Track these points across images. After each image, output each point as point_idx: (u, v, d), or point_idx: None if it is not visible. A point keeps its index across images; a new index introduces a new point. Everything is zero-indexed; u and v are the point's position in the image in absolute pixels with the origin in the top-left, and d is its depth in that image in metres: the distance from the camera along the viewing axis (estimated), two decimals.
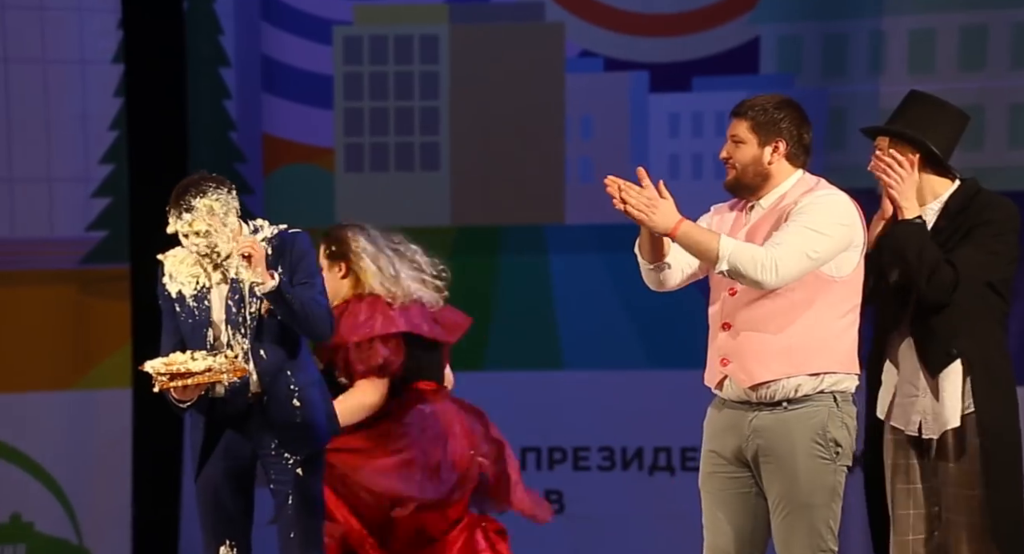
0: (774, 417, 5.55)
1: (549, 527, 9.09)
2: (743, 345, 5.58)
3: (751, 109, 5.64)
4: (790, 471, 5.53)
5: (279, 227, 6.32)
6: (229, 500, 6.31)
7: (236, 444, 6.29)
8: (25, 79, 8.77)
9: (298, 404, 6.20)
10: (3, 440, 8.71)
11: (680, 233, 5.45)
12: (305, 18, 9.33)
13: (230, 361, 6.13)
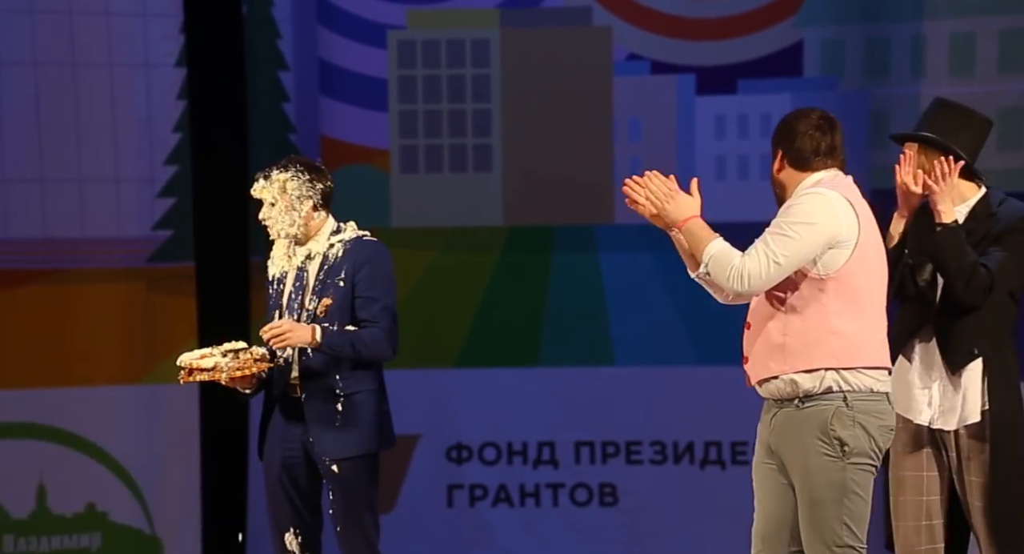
0: (787, 415, 5.63)
1: (603, 519, 9.25)
2: (752, 344, 5.68)
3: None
4: (800, 468, 5.61)
5: (360, 233, 6.35)
6: (290, 489, 6.33)
7: (287, 434, 6.32)
8: (92, 82, 8.91)
9: (340, 409, 6.24)
10: (77, 432, 8.88)
11: (685, 228, 5.54)
12: (360, 23, 9.39)
13: (249, 359, 6.18)
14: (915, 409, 6.05)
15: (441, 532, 9.40)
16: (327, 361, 6.25)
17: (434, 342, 9.23)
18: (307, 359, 6.26)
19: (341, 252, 6.25)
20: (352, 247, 6.25)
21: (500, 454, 9.44)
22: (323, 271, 6.25)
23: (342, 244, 6.27)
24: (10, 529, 8.87)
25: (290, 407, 6.33)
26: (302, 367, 6.25)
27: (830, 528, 5.52)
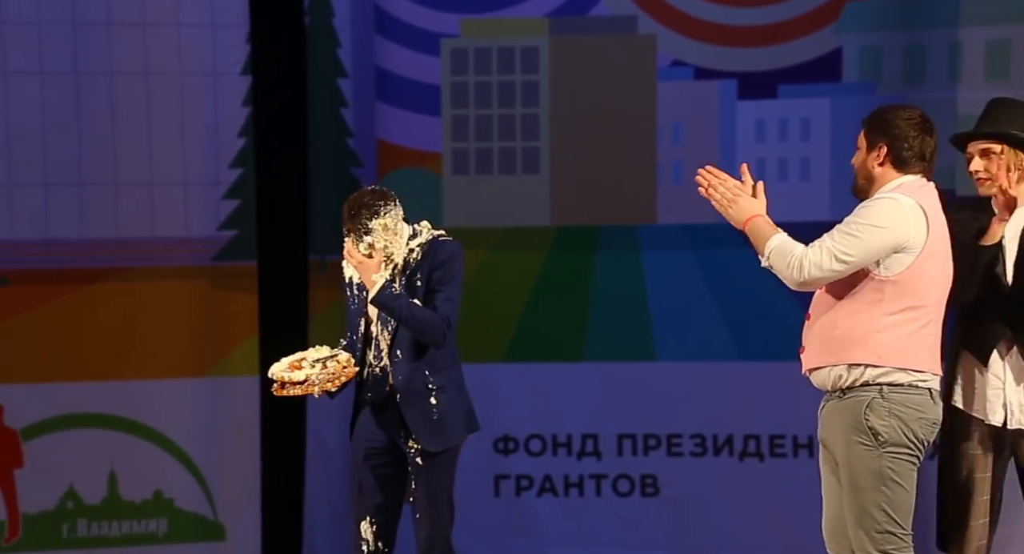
0: (832, 406, 5.73)
1: (644, 509, 9.32)
2: (809, 334, 5.77)
3: (871, 116, 5.81)
4: (842, 457, 5.71)
5: (435, 233, 6.54)
6: (370, 479, 6.49)
7: (374, 429, 6.48)
8: (164, 91, 9.04)
9: (434, 402, 6.42)
10: (146, 423, 9.05)
11: (748, 227, 5.67)
12: (415, 32, 9.46)
13: (338, 368, 6.32)
14: (990, 410, 6.07)
15: (488, 520, 9.42)
16: (414, 364, 6.40)
17: (483, 338, 9.24)
18: (398, 362, 6.41)
19: (419, 255, 6.42)
20: (429, 249, 6.43)
21: (545, 446, 9.46)
22: (405, 273, 6.43)
23: (420, 247, 6.43)
24: (84, 514, 9.00)
25: (383, 407, 6.47)
26: (395, 373, 6.42)
27: (869, 514, 5.60)
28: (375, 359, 6.48)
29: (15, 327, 8.91)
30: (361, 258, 6.32)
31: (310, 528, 9.28)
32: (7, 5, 8.86)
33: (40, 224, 8.94)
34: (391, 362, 6.43)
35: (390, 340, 6.42)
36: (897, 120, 5.76)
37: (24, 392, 8.93)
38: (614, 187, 9.42)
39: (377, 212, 6.33)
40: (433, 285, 6.44)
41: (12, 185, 8.97)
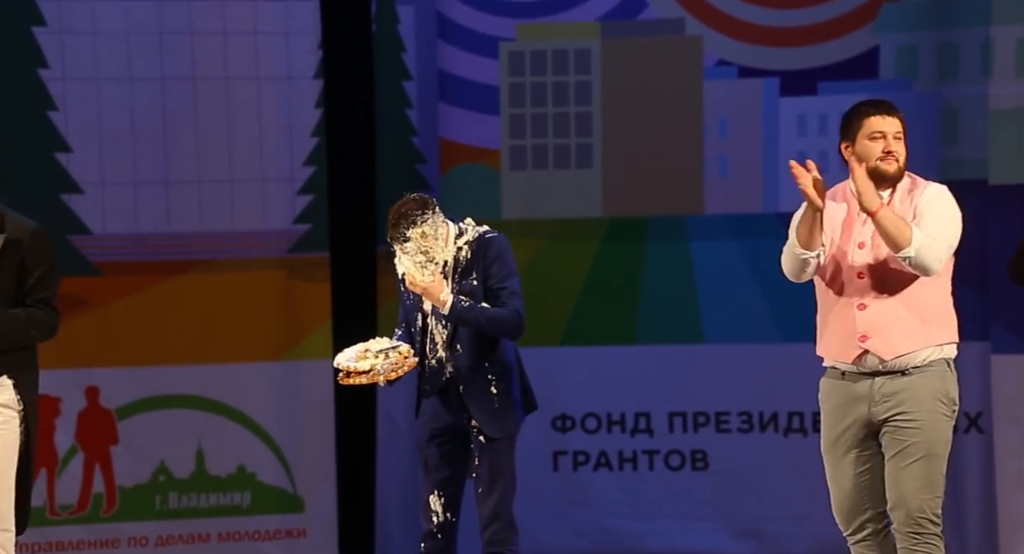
0: (903, 382, 5.84)
1: (695, 482, 9.49)
2: (883, 322, 5.82)
3: (897, 108, 5.93)
4: (923, 425, 5.81)
5: (480, 230, 6.61)
6: (435, 456, 6.61)
7: (439, 412, 6.62)
8: (242, 94, 9.20)
9: (495, 392, 6.56)
10: (229, 404, 9.22)
11: (883, 214, 5.72)
12: (475, 36, 9.55)
13: (400, 358, 6.41)
14: None
15: (548, 493, 9.49)
16: (474, 356, 6.53)
17: (541, 323, 9.16)
18: (459, 355, 6.55)
19: (468, 253, 6.53)
20: (478, 246, 6.54)
21: (600, 424, 9.54)
22: (457, 273, 6.54)
23: (468, 245, 6.54)
24: (174, 488, 9.19)
25: (445, 394, 6.60)
26: (456, 364, 6.55)
27: (935, 481, 5.84)
28: (430, 352, 6.60)
29: (109, 315, 9.09)
30: (425, 285, 6.41)
31: (382, 501, 9.44)
32: (100, 18, 8.96)
33: (130, 219, 9.12)
34: (452, 354, 6.53)
35: (447, 334, 6.53)
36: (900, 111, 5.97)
37: (118, 375, 9.09)
38: (663, 180, 9.50)
39: (414, 222, 6.44)
40: (493, 283, 6.53)
41: (105, 184, 9.09)
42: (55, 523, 9.05)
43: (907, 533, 5.86)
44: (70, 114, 9.05)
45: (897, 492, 5.85)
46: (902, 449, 5.83)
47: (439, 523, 6.62)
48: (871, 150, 5.86)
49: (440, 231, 6.50)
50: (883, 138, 5.83)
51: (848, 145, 5.98)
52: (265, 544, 9.27)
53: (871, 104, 5.95)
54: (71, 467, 9.10)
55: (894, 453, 5.86)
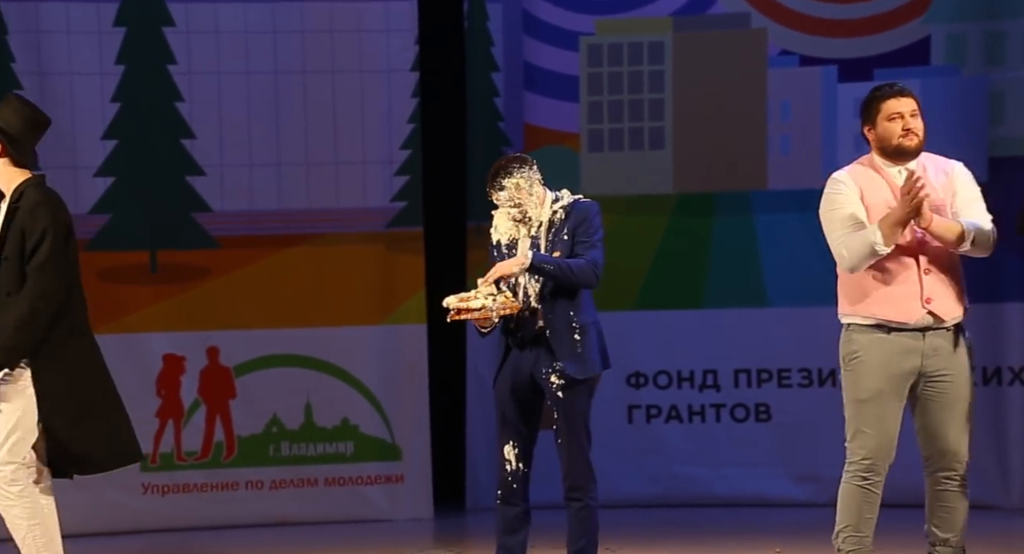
0: (946, 339, 6.05)
1: (758, 432, 9.67)
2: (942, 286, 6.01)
3: (909, 90, 6.06)
4: (961, 380, 6.05)
5: (575, 197, 6.71)
6: (513, 410, 6.64)
7: (521, 365, 6.64)
8: (347, 86, 9.52)
9: (578, 338, 6.57)
10: (334, 363, 9.56)
11: (933, 226, 5.94)
12: (558, 31, 9.90)
13: (506, 300, 6.46)
14: None
15: (623, 444, 9.77)
16: (563, 310, 6.55)
17: (616, 289, 9.39)
18: (549, 305, 6.57)
19: (563, 215, 6.62)
20: (572, 209, 6.63)
21: (671, 380, 9.85)
22: (552, 231, 6.62)
23: (563, 208, 6.63)
24: (286, 438, 9.54)
25: (533, 343, 6.60)
26: (546, 313, 6.57)
27: (970, 425, 6.07)
28: (523, 303, 6.60)
29: (227, 284, 9.44)
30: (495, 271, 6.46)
31: (471, 449, 9.83)
32: (222, 18, 9.34)
33: (246, 198, 9.44)
34: (543, 307, 6.56)
35: (539, 287, 6.57)
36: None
37: (235, 337, 9.44)
38: (729, 158, 9.76)
39: (511, 173, 6.55)
40: (578, 237, 6.59)
41: (224, 166, 9.44)
42: (182, 468, 9.45)
43: (951, 477, 6.07)
44: (194, 105, 9.41)
45: (946, 442, 6.03)
46: (947, 403, 6.02)
47: (512, 472, 6.65)
48: (892, 130, 6.00)
49: (535, 189, 6.58)
50: (901, 118, 5.99)
51: (870, 128, 6.09)
52: (367, 488, 9.60)
53: (886, 88, 6.09)
54: (195, 419, 9.46)
55: (938, 407, 6.03)
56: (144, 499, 9.43)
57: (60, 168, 9.16)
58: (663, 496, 9.81)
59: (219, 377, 9.54)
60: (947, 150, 8.69)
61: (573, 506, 6.65)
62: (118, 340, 9.09)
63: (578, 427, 6.65)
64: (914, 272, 6.01)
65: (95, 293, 8.98)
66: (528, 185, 6.62)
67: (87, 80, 9.26)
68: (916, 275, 6.00)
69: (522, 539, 6.71)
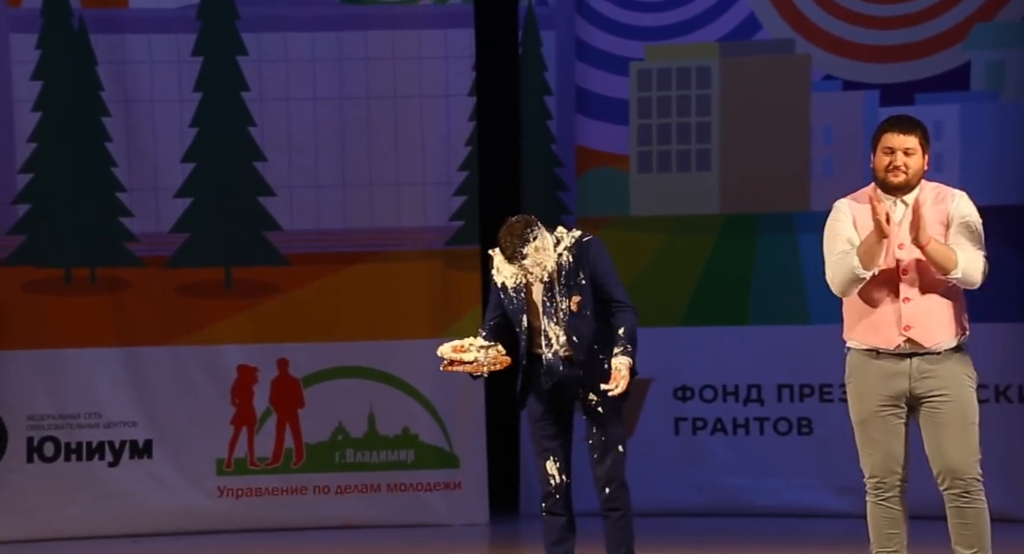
0: (937, 363, 6.05)
1: (800, 445, 9.69)
2: (924, 314, 6.02)
3: (917, 126, 6.06)
4: (956, 399, 6.05)
5: (575, 235, 6.69)
6: (551, 428, 6.82)
7: (555, 390, 6.78)
8: (408, 110, 9.74)
9: (606, 367, 6.67)
10: (396, 374, 9.75)
11: (932, 246, 5.94)
12: (608, 57, 9.98)
13: (497, 355, 6.61)
14: None
15: (669, 454, 9.87)
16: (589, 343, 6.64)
17: (664, 305, 9.66)
18: (577, 345, 6.67)
19: (570, 257, 6.65)
20: (578, 251, 6.65)
21: (717, 394, 9.89)
22: (563, 276, 6.68)
23: (568, 251, 6.65)
24: (351, 445, 9.73)
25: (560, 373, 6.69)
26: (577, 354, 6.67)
27: (976, 442, 6.09)
28: (546, 347, 6.67)
29: (296, 299, 9.65)
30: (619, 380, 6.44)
31: (525, 458, 9.82)
32: (291, 47, 9.57)
33: (313, 217, 9.64)
34: (571, 345, 6.62)
35: (564, 330, 6.63)
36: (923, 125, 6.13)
37: (304, 349, 9.63)
38: (773, 181, 9.83)
39: (527, 240, 6.58)
40: (600, 281, 6.64)
41: (292, 187, 9.66)
42: (255, 472, 9.66)
43: (959, 493, 6.08)
44: (265, 129, 9.64)
45: (942, 460, 6.06)
46: (944, 422, 6.05)
47: (557, 484, 6.76)
48: (881, 162, 6.02)
49: (548, 243, 6.62)
50: (892, 153, 5.98)
51: (873, 154, 6.13)
52: (426, 495, 9.76)
53: (892, 121, 6.09)
54: (267, 426, 9.67)
55: (933, 427, 6.06)
56: (220, 501, 9.68)
57: (143, 190, 9.58)
58: (708, 506, 9.88)
59: (289, 387, 9.75)
60: (987, 173, 8.97)
61: (612, 515, 6.76)
62: (196, 351, 9.55)
63: (616, 441, 6.75)
64: (895, 299, 6.05)
65: (175, 307, 9.59)
66: (543, 243, 6.65)
67: (168, 107, 9.58)
68: (896, 302, 6.04)
69: (569, 548, 6.85)
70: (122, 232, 9.60)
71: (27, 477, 9.48)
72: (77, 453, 9.57)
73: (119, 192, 9.51)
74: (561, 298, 6.66)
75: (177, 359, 9.63)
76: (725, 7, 9.89)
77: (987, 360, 6.74)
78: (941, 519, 6.30)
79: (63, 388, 9.53)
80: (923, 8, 9.72)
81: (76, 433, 9.56)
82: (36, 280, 9.54)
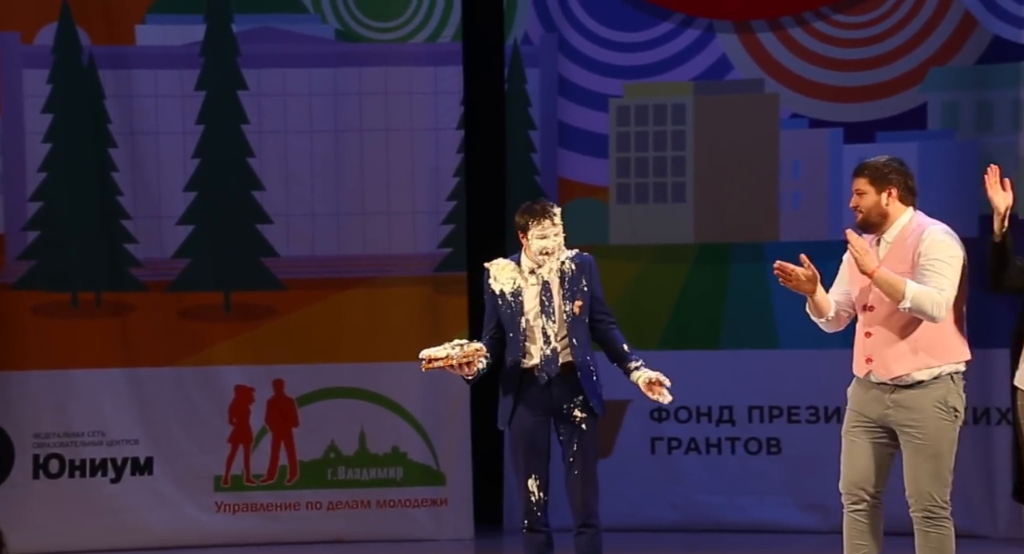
0: (911, 394, 6.15)
1: (769, 464, 9.85)
2: (881, 349, 6.16)
3: (864, 169, 6.22)
4: (927, 429, 6.15)
5: (574, 251, 6.94)
6: (533, 447, 6.89)
7: (542, 405, 6.86)
8: (399, 143, 9.84)
9: (595, 378, 6.87)
10: (386, 395, 9.83)
11: (878, 274, 6.05)
12: (589, 94, 10.12)
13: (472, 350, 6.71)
14: None
15: (646, 473, 9.95)
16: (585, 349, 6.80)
17: (641, 330, 9.52)
18: (576, 347, 6.80)
19: (573, 266, 6.87)
20: (580, 262, 6.87)
21: (691, 415, 9.98)
22: (567, 281, 6.86)
23: (570, 260, 6.87)
24: (342, 462, 9.81)
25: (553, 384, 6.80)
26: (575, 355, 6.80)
27: (946, 472, 6.18)
28: (544, 345, 6.76)
29: (291, 322, 9.76)
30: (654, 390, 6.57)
31: (508, 475, 9.81)
32: (288, 82, 9.70)
33: (308, 244, 9.74)
34: (571, 347, 6.74)
35: (564, 331, 6.75)
36: (893, 166, 6.23)
37: (299, 371, 9.72)
38: (745, 212, 9.94)
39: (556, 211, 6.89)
40: (596, 293, 6.86)
41: (289, 215, 9.79)
42: (250, 489, 9.76)
43: (922, 518, 6.21)
44: (264, 160, 9.76)
45: (911, 485, 6.20)
46: (914, 450, 6.17)
47: (536, 501, 6.87)
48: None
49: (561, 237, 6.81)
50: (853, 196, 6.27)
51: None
52: (414, 511, 9.82)
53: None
54: (262, 444, 9.75)
55: (908, 453, 6.19)
56: (217, 516, 9.77)
57: (147, 217, 9.74)
58: (682, 522, 9.99)
59: (284, 407, 9.87)
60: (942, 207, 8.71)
61: (588, 532, 6.89)
62: (196, 372, 9.71)
63: (595, 459, 6.88)
64: (861, 333, 6.27)
65: (176, 330, 9.70)
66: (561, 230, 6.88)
67: (171, 138, 9.74)
68: (861, 336, 6.24)
69: None
70: (127, 258, 9.76)
71: (33, 493, 9.57)
72: (81, 470, 9.71)
73: (124, 219, 9.71)
74: (564, 301, 6.80)
75: (178, 380, 9.75)
76: (699, 48, 10.02)
77: None
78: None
79: (69, 407, 9.68)
80: (883, 52, 9.84)
81: (80, 450, 9.70)
82: (44, 304, 9.69)
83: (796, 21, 9.95)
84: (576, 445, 6.84)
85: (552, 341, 6.82)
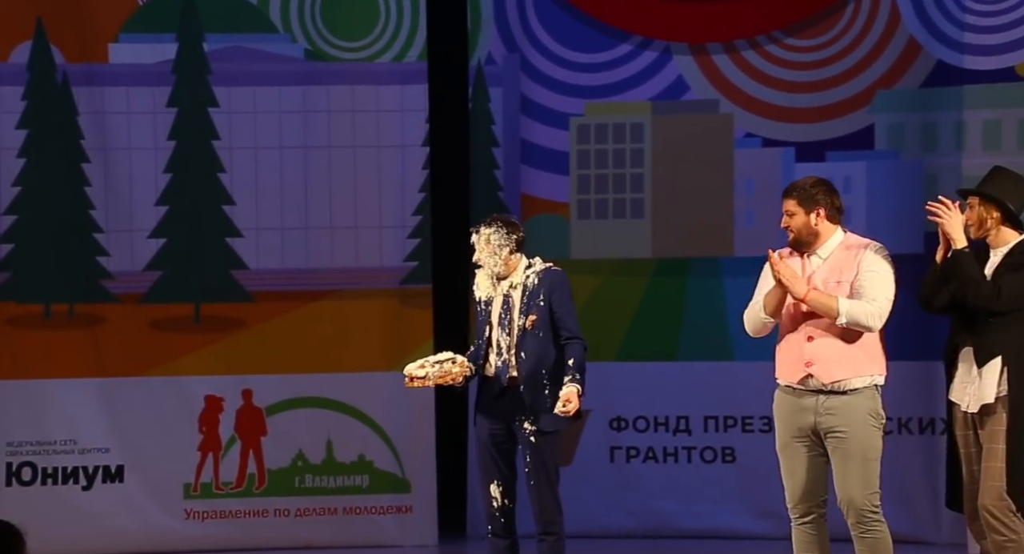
0: (840, 401, 6.31)
1: (724, 472, 9.96)
2: (824, 353, 6.29)
3: (792, 190, 6.45)
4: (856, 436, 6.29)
5: (547, 265, 7.13)
6: (493, 454, 7.03)
7: (496, 413, 7.02)
8: (366, 159, 9.97)
9: (547, 393, 6.96)
10: (353, 405, 9.94)
11: (810, 297, 6.26)
12: (551, 112, 10.30)
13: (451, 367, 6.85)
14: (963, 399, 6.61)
15: (605, 480, 10.08)
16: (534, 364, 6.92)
17: (601, 342, 9.60)
18: (523, 361, 6.96)
19: (536, 280, 7.02)
20: (544, 276, 7.03)
21: (649, 424, 10.13)
22: (526, 295, 7.04)
23: (536, 274, 7.04)
24: (309, 470, 9.93)
25: (505, 394, 6.98)
26: (520, 369, 6.96)
27: (874, 477, 6.37)
28: (497, 356, 6.95)
29: (260, 333, 9.85)
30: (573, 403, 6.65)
31: (472, 483, 9.97)
32: (259, 100, 9.79)
33: (277, 257, 9.84)
34: (516, 361, 6.90)
35: (515, 343, 6.92)
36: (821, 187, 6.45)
37: (267, 381, 9.83)
38: (701, 228, 10.09)
39: (491, 226, 7.02)
40: (555, 308, 6.97)
41: (259, 229, 9.87)
42: (220, 496, 9.84)
43: (855, 523, 6.36)
44: (234, 175, 9.84)
45: (843, 492, 6.33)
46: (844, 456, 6.31)
47: (499, 507, 7.04)
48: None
49: (503, 252, 6.96)
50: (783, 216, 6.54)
51: None
52: (379, 518, 9.92)
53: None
54: (231, 453, 9.83)
55: (837, 460, 6.33)
56: (187, 523, 9.84)
57: (119, 231, 9.80)
58: (640, 528, 10.13)
59: (252, 416, 9.94)
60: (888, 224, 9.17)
61: (548, 540, 7.02)
62: (167, 382, 9.78)
63: (549, 471, 6.98)
64: (800, 339, 6.38)
65: (147, 341, 9.81)
66: (497, 244, 6.98)
67: (143, 154, 9.83)
68: (801, 341, 6.37)
69: None
70: (99, 270, 9.81)
71: (5, 500, 9.60)
72: (53, 478, 9.77)
73: (96, 233, 9.77)
74: (519, 315, 6.93)
75: (149, 389, 9.80)
76: (656, 70, 10.18)
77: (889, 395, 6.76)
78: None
79: (42, 416, 9.74)
80: (833, 75, 10.00)
81: (52, 458, 9.75)
82: (18, 315, 9.74)
83: (750, 44, 10.10)
84: (528, 456, 6.96)
85: (503, 353, 6.96)
